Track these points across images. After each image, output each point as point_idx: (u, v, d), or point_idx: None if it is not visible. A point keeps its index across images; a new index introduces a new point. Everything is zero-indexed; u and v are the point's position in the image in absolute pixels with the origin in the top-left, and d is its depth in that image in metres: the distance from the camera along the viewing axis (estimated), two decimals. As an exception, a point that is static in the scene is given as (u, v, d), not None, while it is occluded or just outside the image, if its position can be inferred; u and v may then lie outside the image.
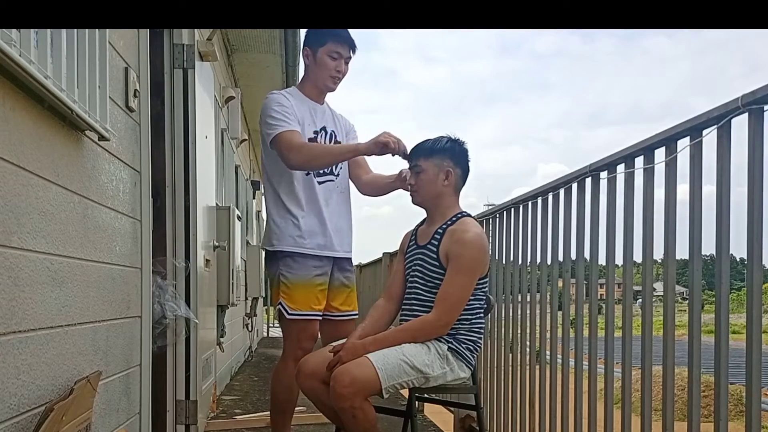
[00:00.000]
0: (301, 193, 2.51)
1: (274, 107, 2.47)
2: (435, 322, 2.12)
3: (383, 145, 2.32)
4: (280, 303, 2.50)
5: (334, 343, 2.23)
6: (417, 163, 2.26)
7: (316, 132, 2.56)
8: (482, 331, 2.26)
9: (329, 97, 2.67)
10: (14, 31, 1.27)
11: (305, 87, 2.61)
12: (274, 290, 2.56)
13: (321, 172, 2.54)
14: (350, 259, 2.69)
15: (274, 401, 2.61)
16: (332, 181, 2.58)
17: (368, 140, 2.40)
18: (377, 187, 2.63)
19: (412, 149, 2.30)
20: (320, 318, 2.55)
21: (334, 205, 2.58)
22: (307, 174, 2.52)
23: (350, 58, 2.56)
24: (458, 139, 2.27)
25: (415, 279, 2.24)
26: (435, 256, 2.19)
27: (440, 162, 2.23)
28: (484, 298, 2.26)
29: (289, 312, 2.47)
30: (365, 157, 2.62)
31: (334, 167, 2.58)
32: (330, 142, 2.59)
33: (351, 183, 2.70)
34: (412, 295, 2.25)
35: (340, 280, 2.63)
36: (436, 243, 2.20)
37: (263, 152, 2.60)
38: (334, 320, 2.62)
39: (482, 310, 2.25)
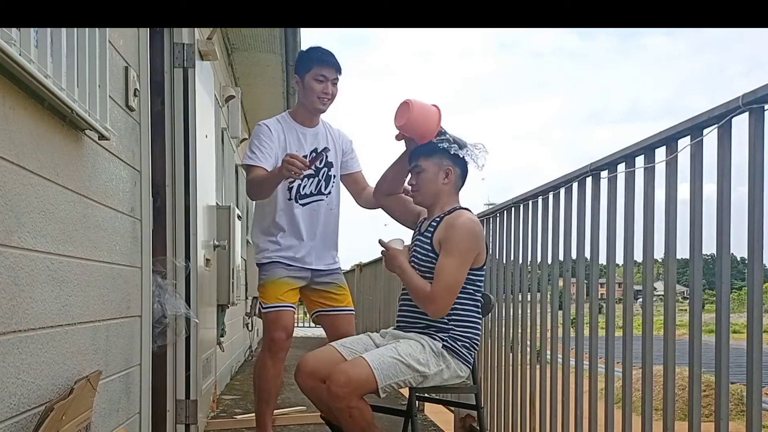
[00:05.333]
0: (284, 217, 2.70)
1: (254, 141, 2.68)
2: (430, 294, 2.16)
3: (287, 171, 2.40)
4: (260, 302, 2.74)
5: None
6: (417, 163, 2.32)
7: (305, 156, 2.67)
8: (478, 328, 2.26)
9: (329, 116, 2.83)
10: (14, 30, 1.27)
11: (297, 113, 2.79)
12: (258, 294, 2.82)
13: (309, 192, 2.73)
14: (332, 270, 2.82)
15: (256, 393, 2.77)
16: (322, 200, 2.76)
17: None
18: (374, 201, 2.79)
19: (413, 151, 2.35)
20: (291, 310, 2.70)
21: (319, 223, 2.75)
22: (289, 199, 2.69)
23: (337, 79, 2.70)
24: (457, 140, 2.30)
25: (413, 263, 2.29)
26: (429, 242, 2.25)
27: (440, 161, 2.29)
28: (480, 294, 2.27)
29: (264, 306, 2.69)
30: (362, 173, 2.89)
31: (323, 187, 2.76)
32: (323, 161, 2.75)
33: (352, 198, 2.90)
34: None
35: (320, 286, 2.80)
36: (432, 230, 2.26)
37: None
38: (330, 314, 2.80)
39: (477, 307, 2.26)
